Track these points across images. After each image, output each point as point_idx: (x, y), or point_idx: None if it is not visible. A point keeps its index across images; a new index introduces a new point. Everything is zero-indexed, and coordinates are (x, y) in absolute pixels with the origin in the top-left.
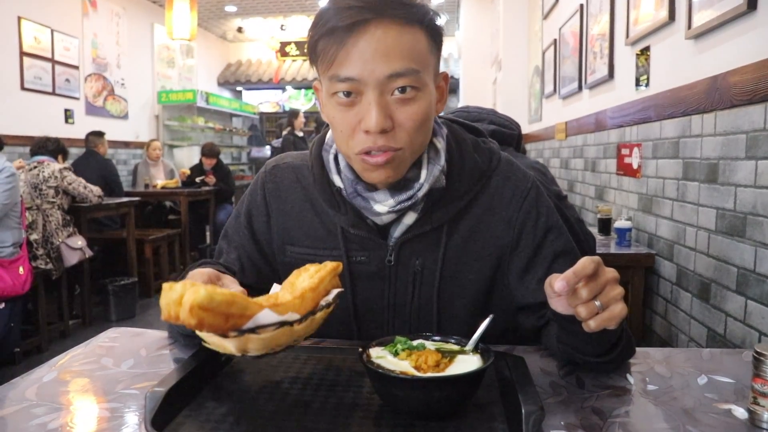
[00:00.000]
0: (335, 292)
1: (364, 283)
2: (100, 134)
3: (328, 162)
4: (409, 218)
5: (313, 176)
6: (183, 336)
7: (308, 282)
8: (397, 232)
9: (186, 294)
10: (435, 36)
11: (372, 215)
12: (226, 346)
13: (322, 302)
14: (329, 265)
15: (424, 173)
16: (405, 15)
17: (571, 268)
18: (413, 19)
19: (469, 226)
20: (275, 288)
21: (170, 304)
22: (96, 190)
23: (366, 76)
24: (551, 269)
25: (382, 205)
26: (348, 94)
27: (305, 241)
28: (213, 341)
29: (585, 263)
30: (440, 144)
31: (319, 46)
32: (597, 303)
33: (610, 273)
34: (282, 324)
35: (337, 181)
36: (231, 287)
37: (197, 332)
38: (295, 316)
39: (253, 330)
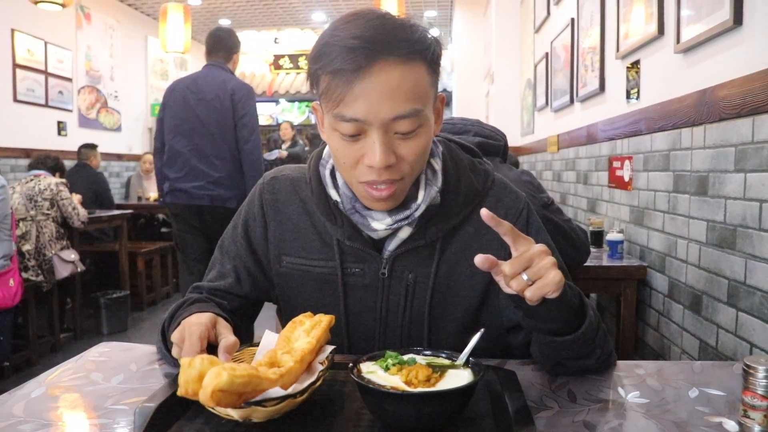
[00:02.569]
0: (329, 349)
1: (357, 295)
2: (92, 147)
3: (324, 177)
4: (404, 233)
5: (311, 189)
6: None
7: (306, 344)
8: (392, 245)
9: (208, 376)
10: (434, 66)
11: (368, 231)
12: (231, 414)
13: (319, 364)
14: (324, 322)
15: (421, 194)
16: (407, 51)
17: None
18: (415, 54)
19: (462, 243)
20: (269, 337)
21: (189, 381)
22: (82, 215)
23: (371, 118)
24: None
25: (380, 223)
26: (352, 135)
27: (301, 252)
28: (218, 409)
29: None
30: (437, 165)
31: (323, 82)
32: (524, 276)
33: (537, 247)
34: (287, 396)
35: (334, 195)
36: (224, 333)
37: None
38: (300, 387)
39: (260, 403)
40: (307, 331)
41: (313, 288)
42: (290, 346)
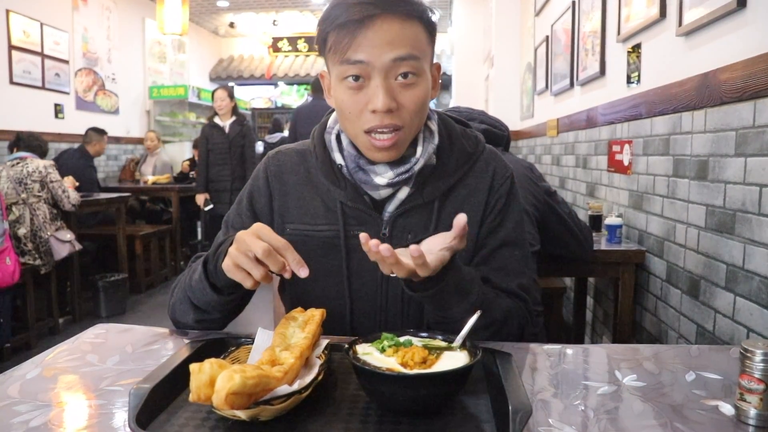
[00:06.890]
0: (324, 343)
1: (359, 256)
2: (100, 132)
3: (330, 142)
4: (403, 193)
5: (315, 156)
6: (197, 322)
7: (303, 340)
8: (391, 206)
9: (220, 380)
10: (431, 30)
11: (371, 189)
12: (238, 414)
13: (317, 358)
14: (316, 316)
15: (419, 149)
16: (406, 11)
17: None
18: (413, 14)
19: (456, 205)
20: (263, 335)
21: (200, 387)
22: (73, 197)
23: (374, 60)
24: (495, 254)
25: (382, 177)
26: (357, 78)
27: (304, 218)
28: (225, 411)
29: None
30: (434, 126)
31: (330, 38)
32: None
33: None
34: (293, 394)
35: (338, 159)
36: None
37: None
38: (304, 383)
39: (268, 401)
40: (302, 326)
41: (316, 252)
42: (287, 343)
